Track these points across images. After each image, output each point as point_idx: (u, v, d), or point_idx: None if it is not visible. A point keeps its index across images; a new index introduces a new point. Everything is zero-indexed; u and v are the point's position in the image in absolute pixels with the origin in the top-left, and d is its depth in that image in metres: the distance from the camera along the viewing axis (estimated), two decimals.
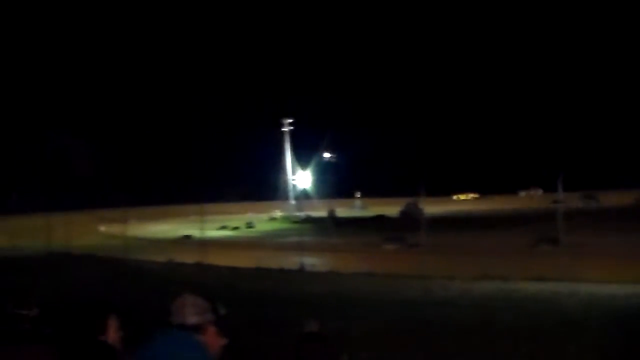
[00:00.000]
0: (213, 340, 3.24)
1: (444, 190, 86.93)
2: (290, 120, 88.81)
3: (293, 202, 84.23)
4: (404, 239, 34.60)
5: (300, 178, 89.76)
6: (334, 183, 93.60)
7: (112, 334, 4.27)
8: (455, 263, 23.68)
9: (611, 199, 63.05)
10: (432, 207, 43.51)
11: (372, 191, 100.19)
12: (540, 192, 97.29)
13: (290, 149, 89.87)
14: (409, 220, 44.23)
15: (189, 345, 3.10)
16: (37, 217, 36.86)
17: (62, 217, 34.65)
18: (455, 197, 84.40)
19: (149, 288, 18.45)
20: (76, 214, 42.26)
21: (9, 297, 4.15)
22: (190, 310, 3.22)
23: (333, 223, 57.19)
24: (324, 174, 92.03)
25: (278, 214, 78.33)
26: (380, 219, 61.92)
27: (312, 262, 26.00)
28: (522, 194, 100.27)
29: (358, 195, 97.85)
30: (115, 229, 43.56)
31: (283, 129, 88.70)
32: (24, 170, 68.43)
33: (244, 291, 18.52)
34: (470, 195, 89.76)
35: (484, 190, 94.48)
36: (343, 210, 77.58)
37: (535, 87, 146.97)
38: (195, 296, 3.32)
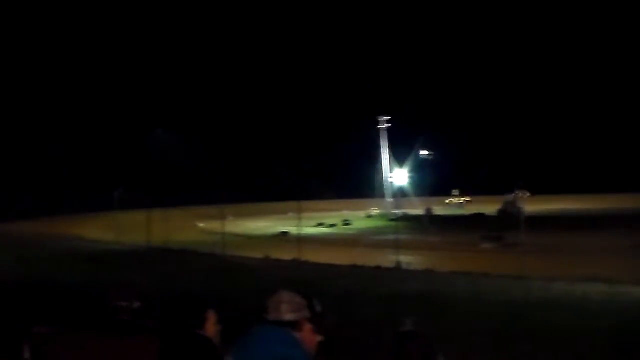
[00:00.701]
0: (309, 337, 3.26)
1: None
2: (387, 118, 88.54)
3: (390, 199, 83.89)
4: (502, 238, 33.95)
5: (397, 176, 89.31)
6: (431, 181, 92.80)
7: (211, 327, 4.45)
8: (556, 263, 23.02)
9: None
10: (530, 206, 42.42)
11: (470, 189, 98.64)
12: (527, 194, 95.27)
13: (387, 146, 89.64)
14: (508, 219, 43.34)
15: (285, 341, 3.12)
16: (139, 213, 38.13)
17: (162, 214, 35.70)
18: (447, 200, 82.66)
19: (246, 283, 18.90)
20: (176, 211, 43.49)
21: (111, 290, 4.37)
22: (287, 307, 3.24)
23: (430, 221, 56.72)
24: (421, 171, 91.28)
25: (375, 211, 78.20)
26: (478, 218, 60.84)
27: (409, 260, 25.87)
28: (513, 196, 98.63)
29: (456, 193, 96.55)
30: (213, 225, 44.64)
31: (380, 127, 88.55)
32: (128, 168, 71.17)
33: (340, 288, 18.68)
34: (462, 199, 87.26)
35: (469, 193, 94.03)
36: (440, 209, 76.69)
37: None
38: (292, 293, 3.33)
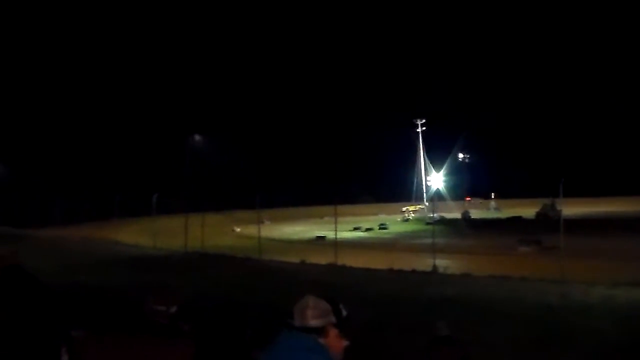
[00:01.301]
0: (335, 342, 3.24)
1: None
2: (424, 121, 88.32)
3: (426, 203, 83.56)
4: (540, 241, 33.59)
5: (434, 179, 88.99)
6: (468, 184, 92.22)
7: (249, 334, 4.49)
8: (596, 267, 22.63)
9: None
10: (569, 209, 41.68)
11: (508, 192, 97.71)
12: (479, 201, 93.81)
13: (424, 149, 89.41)
14: (546, 222, 42.86)
15: (311, 348, 3.13)
16: (177, 217, 38.43)
17: (199, 218, 35.91)
18: (404, 208, 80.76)
19: (281, 288, 18.90)
20: (212, 215, 43.67)
21: (149, 294, 4.44)
22: (312, 313, 3.23)
23: (467, 224, 56.33)
24: (457, 174, 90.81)
25: (411, 215, 77.95)
26: (516, 221, 60.22)
27: (445, 264, 25.61)
28: (466, 203, 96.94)
29: (493, 196, 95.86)
30: (250, 229, 44.85)
31: (417, 130, 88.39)
32: (166, 172, 72.01)
33: (375, 293, 18.64)
34: (418, 207, 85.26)
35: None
36: (477, 212, 76.14)
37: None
38: (317, 298, 3.32)
